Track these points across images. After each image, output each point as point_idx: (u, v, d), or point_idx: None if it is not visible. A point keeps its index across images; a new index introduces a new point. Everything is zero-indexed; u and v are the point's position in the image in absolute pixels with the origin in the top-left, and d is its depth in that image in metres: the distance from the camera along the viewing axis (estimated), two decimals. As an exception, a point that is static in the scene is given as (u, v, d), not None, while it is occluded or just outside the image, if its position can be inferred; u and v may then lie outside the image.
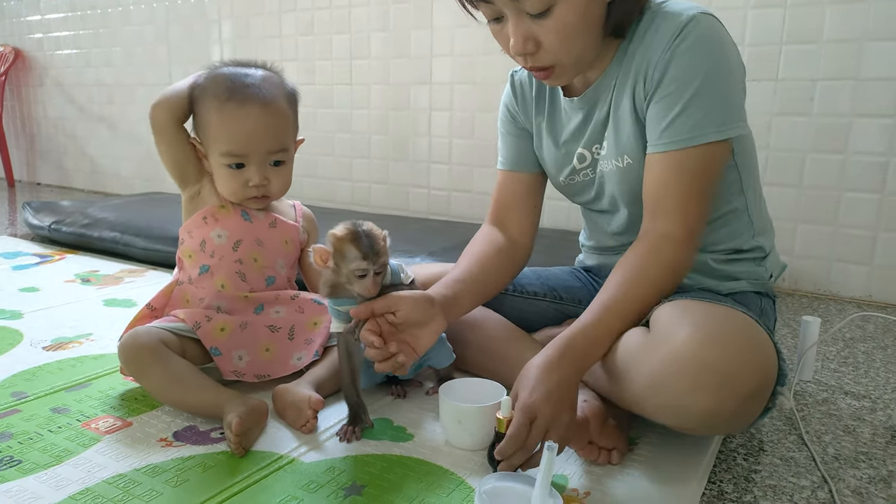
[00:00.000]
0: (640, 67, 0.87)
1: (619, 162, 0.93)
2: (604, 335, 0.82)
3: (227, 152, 1.05)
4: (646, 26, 0.88)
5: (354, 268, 0.86)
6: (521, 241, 1.08)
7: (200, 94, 1.07)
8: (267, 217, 1.13)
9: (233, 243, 1.09)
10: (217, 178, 1.09)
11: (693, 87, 0.83)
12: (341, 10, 2.50)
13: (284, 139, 1.09)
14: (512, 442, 0.75)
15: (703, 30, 0.83)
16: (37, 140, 3.78)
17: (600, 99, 0.94)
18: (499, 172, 1.11)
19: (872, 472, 0.86)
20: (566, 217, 2.12)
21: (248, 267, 1.09)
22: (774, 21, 1.68)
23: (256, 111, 1.04)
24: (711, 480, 0.83)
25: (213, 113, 1.04)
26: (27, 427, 0.93)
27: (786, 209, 1.72)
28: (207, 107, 1.05)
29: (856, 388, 1.14)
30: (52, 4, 3.49)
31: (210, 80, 1.07)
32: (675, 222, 0.86)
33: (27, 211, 2.30)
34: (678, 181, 0.86)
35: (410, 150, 2.44)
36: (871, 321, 1.51)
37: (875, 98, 1.59)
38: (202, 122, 1.07)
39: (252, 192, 1.08)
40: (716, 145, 0.85)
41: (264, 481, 0.80)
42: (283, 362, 1.06)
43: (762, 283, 0.98)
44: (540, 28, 0.82)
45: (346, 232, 0.88)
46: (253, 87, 1.05)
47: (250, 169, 1.06)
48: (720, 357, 0.72)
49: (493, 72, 2.19)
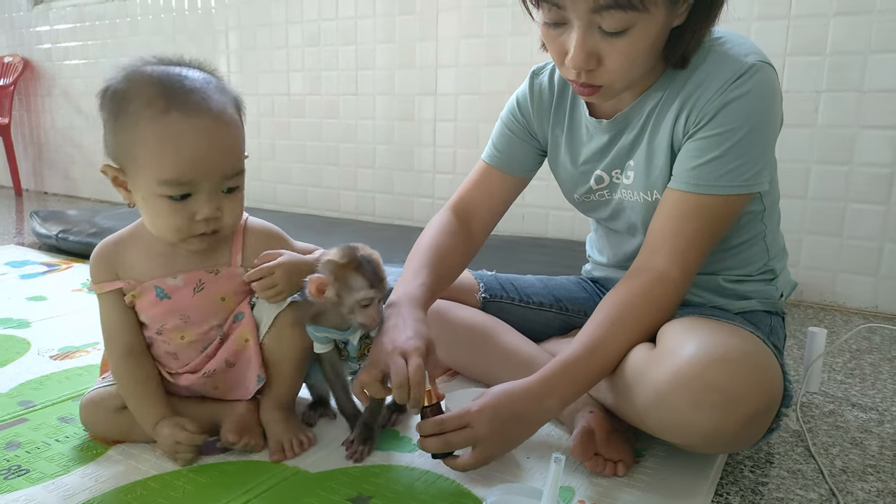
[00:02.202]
0: (689, 102, 0.84)
1: (648, 196, 0.91)
2: (583, 379, 0.83)
3: (169, 180, 0.79)
4: (699, 60, 0.84)
5: (361, 297, 0.81)
6: (479, 237, 1.06)
7: (120, 102, 0.80)
8: (190, 280, 0.88)
9: (155, 331, 0.90)
10: (149, 214, 0.84)
11: (736, 137, 0.81)
12: (347, 22, 2.52)
13: (240, 159, 0.85)
14: (432, 426, 0.79)
15: (761, 81, 0.81)
16: (44, 150, 3.81)
17: (631, 123, 0.91)
18: (482, 163, 1.06)
19: (881, 485, 0.86)
20: (570, 227, 2.12)
21: (177, 346, 0.90)
22: (778, 33, 1.69)
23: (207, 125, 0.80)
24: (718, 493, 0.83)
25: (145, 128, 0.78)
26: (35, 436, 0.93)
27: (791, 221, 1.72)
28: (134, 120, 0.79)
29: (863, 399, 1.13)
30: (60, 15, 3.53)
31: (132, 83, 0.80)
32: (674, 264, 0.84)
33: (35, 220, 2.31)
34: (690, 224, 0.84)
35: (415, 161, 2.45)
36: (878, 332, 1.51)
37: (880, 109, 1.59)
38: (125, 140, 0.80)
39: (200, 229, 0.83)
40: (737, 197, 0.84)
41: (270, 492, 0.80)
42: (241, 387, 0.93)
43: (772, 303, 0.97)
44: (609, 47, 0.78)
45: (348, 259, 0.82)
46: (197, 94, 0.80)
47: (198, 199, 0.81)
48: (724, 376, 0.72)
49: (498, 83, 2.20)
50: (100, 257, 0.89)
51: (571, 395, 0.83)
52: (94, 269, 0.89)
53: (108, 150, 0.83)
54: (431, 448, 0.80)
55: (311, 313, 0.86)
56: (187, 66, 0.85)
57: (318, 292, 0.82)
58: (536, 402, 0.81)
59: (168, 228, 0.83)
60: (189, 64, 0.85)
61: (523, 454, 0.90)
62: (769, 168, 0.87)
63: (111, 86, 0.81)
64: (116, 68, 0.83)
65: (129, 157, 0.81)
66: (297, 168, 2.79)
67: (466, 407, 0.80)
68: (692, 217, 0.84)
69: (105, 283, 0.88)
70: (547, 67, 1.02)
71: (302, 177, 2.78)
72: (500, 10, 2.16)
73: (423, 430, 0.81)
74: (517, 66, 2.16)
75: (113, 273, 0.88)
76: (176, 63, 0.84)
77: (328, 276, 0.82)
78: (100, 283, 0.89)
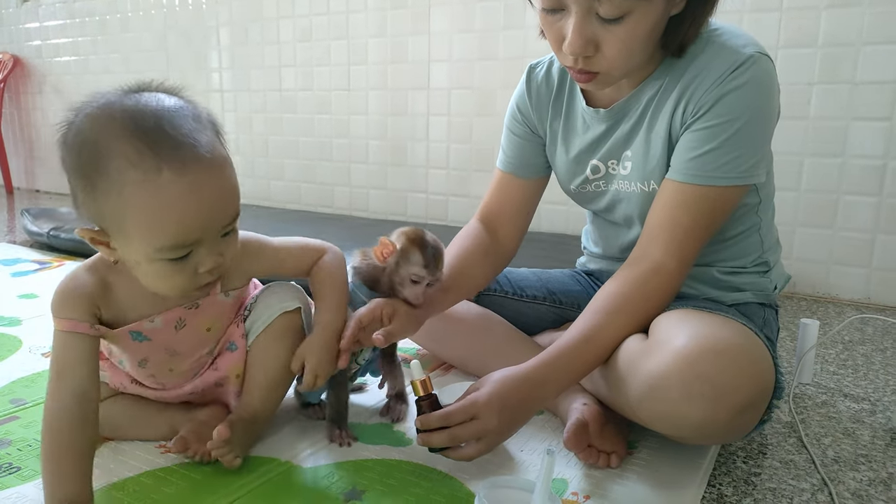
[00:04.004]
0: (687, 92, 0.84)
1: (645, 186, 0.91)
2: (579, 366, 0.83)
3: (168, 247, 0.70)
4: (697, 51, 0.85)
5: (414, 272, 0.87)
6: (508, 245, 1.07)
7: (95, 160, 0.67)
8: (168, 320, 0.81)
9: (137, 363, 0.84)
10: (146, 276, 0.74)
11: (734, 128, 0.81)
12: (339, 17, 2.51)
13: (238, 199, 0.76)
14: (439, 419, 0.77)
15: (760, 72, 0.81)
16: (35, 147, 3.79)
17: (629, 112, 0.91)
18: (497, 171, 1.09)
19: (872, 474, 0.86)
20: (564, 221, 2.12)
21: (165, 377, 0.87)
22: (770, 25, 1.69)
23: (203, 178, 0.69)
24: (711, 484, 0.83)
25: (133, 194, 0.67)
26: (26, 434, 0.93)
27: (784, 213, 1.72)
28: (118, 184, 0.67)
29: (855, 390, 1.14)
30: (50, 11, 3.50)
31: (103, 131, 0.67)
32: (671, 254, 0.85)
33: (26, 218, 2.30)
34: (687, 215, 0.85)
35: (408, 156, 2.44)
36: (870, 323, 1.51)
37: (872, 101, 1.60)
38: (109, 207, 0.68)
39: (205, 280, 0.76)
40: (734, 189, 0.84)
41: (264, 487, 0.80)
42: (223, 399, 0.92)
43: (766, 295, 0.97)
44: (606, 33, 0.78)
45: (416, 236, 0.88)
46: (184, 138, 0.68)
47: (200, 253, 0.73)
48: (715, 367, 0.72)
49: (491, 77, 2.20)
50: (78, 294, 0.76)
51: (567, 383, 0.84)
52: (64, 305, 0.75)
53: (83, 211, 0.71)
54: (438, 443, 0.77)
55: (370, 276, 0.91)
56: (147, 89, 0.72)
57: (382, 255, 0.88)
58: (534, 389, 0.80)
59: (170, 288, 0.76)
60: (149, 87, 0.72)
61: (517, 447, 0.90)
62: (766, 159, 0.87)
63: (75, 133, 0.69)
64: (71, 108, 0.70)
65: (115, 225, 0.70)
66: (291, 164, 2.78)
67: (470, 398, 0.78)
68: (690, 208, 0.84)
69: (74, 321, 0.75)
70: (543, 62, 1.02)
71: (295, 173, 2.77)
72: (493, 4, 2.15)
73: (426, 424, 0.77)
74: (510, 60, 2.15)
75: (90, 314, 0.76)
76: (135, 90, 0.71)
77: (396, 244, 0.88)
78: (65, 320, 0.74)
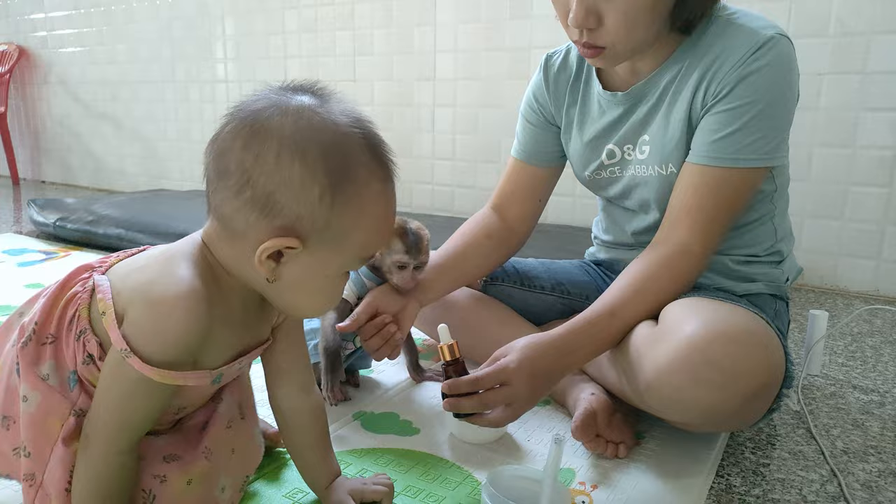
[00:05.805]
0: (707, 75, 0.84)
1: (663, 170, 0.91)
2: (602, 339, 0.83)
3: (369, 256, 0.64)
4: (717, 33, 0.84)
5: (396, 260, 0.93)
6: (518, 229, 1.08)
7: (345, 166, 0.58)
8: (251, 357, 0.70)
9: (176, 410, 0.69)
10: (313, 294, 0.63)
11: (756, 110, 0.81)
12: (344, 7, 2.49)
13: None
14: (469, 384, 0.75)
15: (780, 54, 0.81)
16: (41, 138, 3.79)
17: (647, 96, 0.91)
18: (511, 158, 1.09)
19: (882, 465, 0.85)
20: (570, 212, 2.11)
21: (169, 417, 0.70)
22: (780, 14, 1.67)
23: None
24: (720, 474, 0.83)
25: (372, 203, 0.60)
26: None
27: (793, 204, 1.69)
28: (360, 194, 0.59)
29: (864, 382, 1.13)
30: (55, 2, 3.50)
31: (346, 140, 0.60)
32: (696, 237, 0.85)
33: (32, 208, 2.30)
34: (711, 197, 0.84)
35: (414, 147, 2.43)
36: (879, 315, 1.50)
37: (882, 92, 1.58)
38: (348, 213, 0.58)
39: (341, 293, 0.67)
40: (756, 171, 0.84)
41: (270, 474, 0.80)
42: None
43: (778, 286, 0.97)
44: (607, 4, 0.79)
45: (396, 226, 0.92)
46: (384, 142, 0.64)
47: None
48: (724, 353, 0.72)
49: (497, 68, 2.19)
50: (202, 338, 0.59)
51: (590, 355, 0.83)
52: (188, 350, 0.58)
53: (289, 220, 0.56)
54: (467, 408, 0.75)
55: (372, 265, 0.98)
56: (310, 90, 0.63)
57: None
58: (561, 357, 0.80)
59: (331, 304, 0.66)
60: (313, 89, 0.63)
61: (524, 436, 0.89)
62: (786, 142, 0.87)
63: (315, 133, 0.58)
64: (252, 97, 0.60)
65: (339, 233, 0.59)
66: (296, 155, 2.77)
67: (500, 364, 0.77)
68: (713, 191, 0.84)
69: (186, 373, 0.59)
70: (560, 51, 1.03)
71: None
72: (499, -6, 2.14)
73: (455, 389, 0.75)
74: (516, 50, 2.14)
75: (192, 359, 0.60)
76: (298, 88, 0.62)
77: None
78: (177, 373, 0.58)
